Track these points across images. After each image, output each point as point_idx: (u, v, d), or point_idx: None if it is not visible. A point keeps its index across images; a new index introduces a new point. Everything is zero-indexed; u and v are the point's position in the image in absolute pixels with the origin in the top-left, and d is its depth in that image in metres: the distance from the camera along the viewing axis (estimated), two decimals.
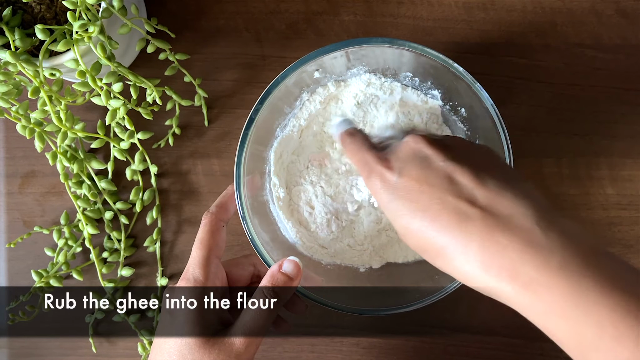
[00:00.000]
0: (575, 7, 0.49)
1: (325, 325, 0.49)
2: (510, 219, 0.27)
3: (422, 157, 0.31)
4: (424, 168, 0.30)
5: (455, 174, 0.30)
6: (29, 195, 0.50)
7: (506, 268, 0.27)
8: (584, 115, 0.49)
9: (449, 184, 0.29)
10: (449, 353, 0.48)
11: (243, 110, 0.50)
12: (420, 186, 0.30)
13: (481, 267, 0.27)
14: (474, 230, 0.28)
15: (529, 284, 0.26)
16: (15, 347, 0.50)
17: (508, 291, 0.27)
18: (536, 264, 0.26)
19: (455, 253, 0.28)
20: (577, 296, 0.25)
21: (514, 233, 0.27)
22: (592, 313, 0.25)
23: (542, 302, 0.26)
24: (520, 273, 0.26)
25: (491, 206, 0.28)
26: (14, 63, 0.38)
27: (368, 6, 0.50)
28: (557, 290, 0.26)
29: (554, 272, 0.26)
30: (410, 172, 0.31)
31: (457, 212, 0.28)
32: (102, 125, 0.48)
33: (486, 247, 0.27)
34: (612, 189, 0.49)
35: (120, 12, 0.40)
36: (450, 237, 0.28)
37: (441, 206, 0.29)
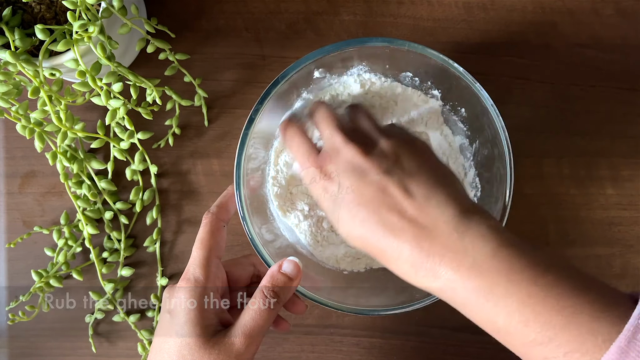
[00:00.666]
0: (575, 7, 0.49)
1: (325, 325, 0.49)
2: (433, 228, 0.32)
3: (359, 170, 0.35)
4: (361, 182, 0.34)
5: (388, 187, 0.34)
6: (29, 195, 0.50)
7: (430, 270, 0.31)
8: (584, 115, 0.49)
9: (382, 198, 0.33)
10: (449, 353, 0.48)
11: (243, 110, 0.50)
12: (358, 200, 0.34)
13: (412, 269, 0.32)
14: (405, 240, 0.32)
15: (448, 282, 0.31)
16: (15, 347, 0.50)
17: (434, 288, 0.32)
18: (452, 265, 0.31)
19: (392, 257, 0.33)
20: (487, 291, 0.30)
21: (436, 240, 0.32)
22: (500, 304, 0.30)
23: (459, 296, 0.31)
24: (441, 274, 0.31)
25: (417, 217, 0.32)
26: (14, 63, 0.38)
27: (368, 6, 0.50)
28: (470, 286, 0.30)
29: (467, 271, 0.30)
30: (349, 186, 0.35)
31: (391, 225, 0.33)
32: (102, 125, 0.48)
33: (414, 254, 0.32)
34: (612, 189, 0.49)
35: (120, 12, 0.40)
36: (386, 244, 0.33)
37: (377, 219, 0.33)
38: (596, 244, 0.49)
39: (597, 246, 0.49)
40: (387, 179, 0.34)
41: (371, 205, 0.34)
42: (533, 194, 0.49)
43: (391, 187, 0.34)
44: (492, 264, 0.30)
